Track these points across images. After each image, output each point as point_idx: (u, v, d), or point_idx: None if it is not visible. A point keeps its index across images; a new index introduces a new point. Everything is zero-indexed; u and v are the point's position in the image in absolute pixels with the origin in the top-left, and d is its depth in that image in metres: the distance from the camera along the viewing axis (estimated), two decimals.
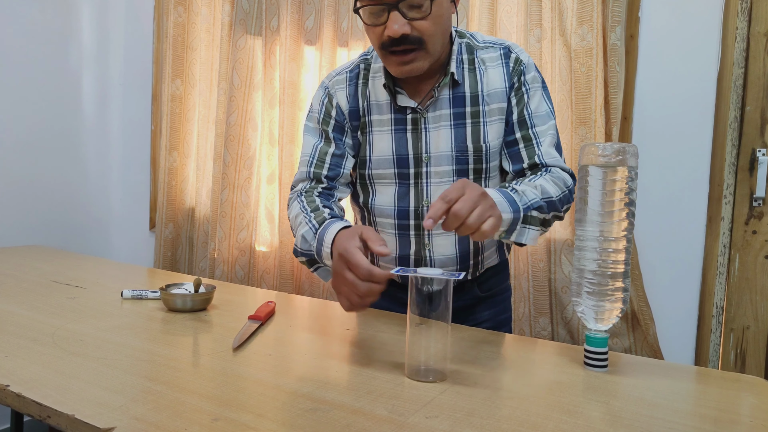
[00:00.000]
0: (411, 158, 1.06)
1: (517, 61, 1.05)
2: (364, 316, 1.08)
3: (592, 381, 0.76)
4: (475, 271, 1.12)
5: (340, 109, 1.11)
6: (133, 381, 0.71)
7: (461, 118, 1.04)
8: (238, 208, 2.12)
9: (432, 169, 1.05)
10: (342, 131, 1.11)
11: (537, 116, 1.04)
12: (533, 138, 1.03)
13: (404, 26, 0.93)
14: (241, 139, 2.10)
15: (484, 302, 1.16)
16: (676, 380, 0.78)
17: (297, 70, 2.01)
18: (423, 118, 1.04)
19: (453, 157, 1.04)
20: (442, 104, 1.04)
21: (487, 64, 1.05)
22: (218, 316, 1.04)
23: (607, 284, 0.77)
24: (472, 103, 1.04)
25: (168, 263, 2.33)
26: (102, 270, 1.48)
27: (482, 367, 0.81)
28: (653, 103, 1.60)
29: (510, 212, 0.88)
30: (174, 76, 2.30)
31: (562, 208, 0.99)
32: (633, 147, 0.77)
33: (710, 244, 1.54)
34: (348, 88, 1.11)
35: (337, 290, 0.85)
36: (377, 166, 1.08)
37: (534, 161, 1.03)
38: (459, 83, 1.04)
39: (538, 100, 1.05)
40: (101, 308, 1.07)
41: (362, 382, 0.73)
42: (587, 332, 0.81)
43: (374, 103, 1.08)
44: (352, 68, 1.12)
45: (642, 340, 1.60)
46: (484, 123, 1.04)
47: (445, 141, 1.04)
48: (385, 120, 1.07)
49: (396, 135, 1.06)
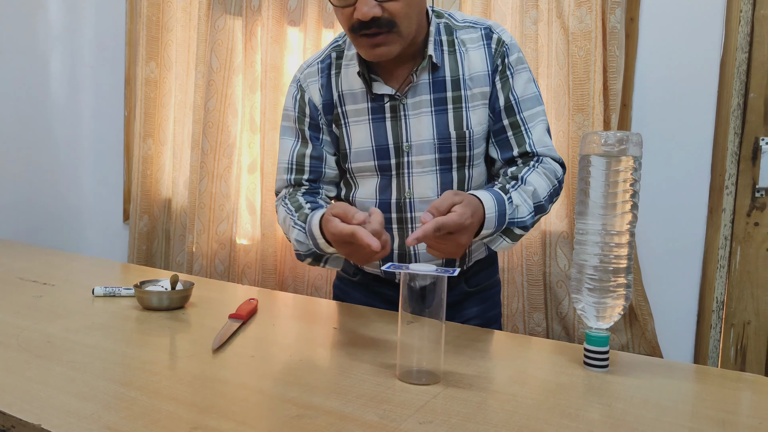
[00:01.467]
0: (391, 148, 1.05)
1: (499, 42, 1.03)
2: (352, 314, 1.06)
3: (593, 382, 0.76)
4: (462, 264, 1.11)
5: (313, 105, 1.10)
6: (105, 386, 0.69)
7: (442, 103, 1.03)
8: (218, 199, 2.09)
9: (413, 159, 1.04)
10: (318, 129, 1.10)
11: (524, 100, 1.03)
12: (522, 124, 1.02)
13: (374, 8, 0.91)
14: (221, 126, 2.07)
15: (471, 298, 1.15)
16: (679, 380, 0.78)
17: (280, 52, 1.98)
18: (402, 105, 1.03)
19: (435, 145, 1.03)
20: (422, 90, 1.03)
21: (467, 46, 1.04)
22: (197, 315, 1.03)
23: (609, 280, 0.76)
24: (453, 88, 1.02)
25: (143, 258, 2.30)
26: (72, 265, 1.45)
27: (477, 367, 0.80)
28: (653, 90, 1.60)
29: (493, 228, 0.92)
30: (148, 58, 2.26)
31: (548, 207, 1.01)
32: (637, 135, 0.76)
33: (711, 236, 1.55)
34: (320, 79, 1.09)
35: (356, 260, 0.88)
36: (357, 158, 1.07)
37: (525, 149, 1.02)
38: (438, 67, 1.02)
39: (525, 83, 1.03)
40: (71, 307, 1.05)
41: (351, 386, 0.72)
42: (587, 331, 0.80)
43: (348, 93, 1.07)
44: (324, 58, 1.11)
45: (640, 336, 1.61)
46: (467, 108, 1.02)
47: (427, 128, 1.03)
48: (361, 109, 1.06)
49: (374, 125, 1.05)
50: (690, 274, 1.59)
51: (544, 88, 1.67)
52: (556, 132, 1.65)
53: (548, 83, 1.67)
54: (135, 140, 2.29)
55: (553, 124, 1.66)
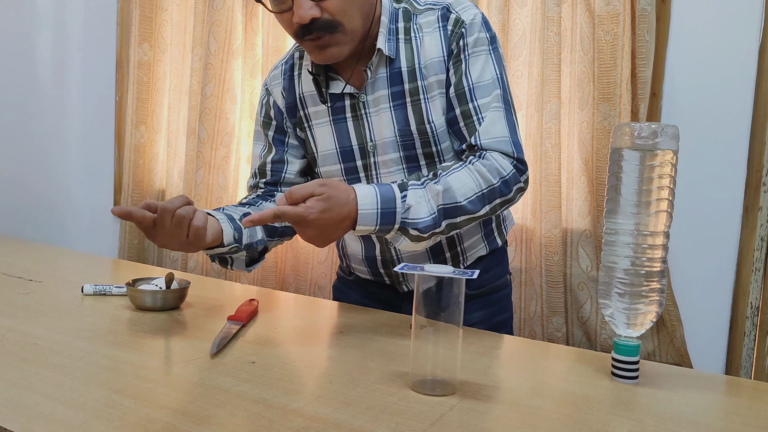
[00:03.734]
0: (356, 149, 1.05)
1: (456, 22, 1.00)
2: (359, 317, 1.06)
3: (622, 395, 0.74)
4: (456, 263, 1.09)
5: (278, 108, 1.12)
6: (95, 393, 0.69)
7: (400, 97, 1.02)
8: (215, 191, 2.09)
9: (379, 159, 1.04)
10: (284, 133, 1.13)
11: (479, 86, 0.99)
12: (473, 113, 0.99)
13: (311, 9, 0.91)
14: (219, 113, 2.07)
15: (474, 301, 1.12)
16: (713, 393, 0.77)
17: (282, 34, 1.97)
18: (362, 103, 1.03)
19: (398, 143, 1.02)
20: (380, 84, 1.02)
21: (423, 31, 1.02)
22: (193, 317, 1.02)
23: (641, 284, 0.75)
24: (409, 79, 1.01)
25: (134, 253, 2.31)
26: (59, 261, 1.45)
27: (495, 377, 0.79)
28: (686, 78, 1.58)
29: (374, 225, 0.89)
30: (141, 39, 2.25)
31: (480, 209, 0.94)
32: (673, 128, 0.75)
33: (746, 237, 1.53)
34: (282, 82, 1.12)
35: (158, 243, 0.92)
36: (324, 162, 1.09)
37: (470, 142, 0.98)
38: (393, 59, 1.01)
39: (482, 67, 0.99)
40: (59, 306, 1.05)
41: (361, 396, 0.71)
42: (616, 339, 0.79)
43: (308, 95, 1.08)
44: (287, 59, 1.13)
45: (668, 343, 1.59)
46: (425, 100, 1.01)
47: (387, 125, 1.02)
48: (321, 111, 1.07)
49: (336, 126, 1.06)
50: (723, 277, 1.57)
51: (567, 75, 1.65)
52: (579, 122, 1.64)
53: (571, 70, 1.65)
54: (126, 127, 2.29)
55: (575, 114, 1.64)
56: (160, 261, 2.31)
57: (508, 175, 0.96)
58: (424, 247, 0.94)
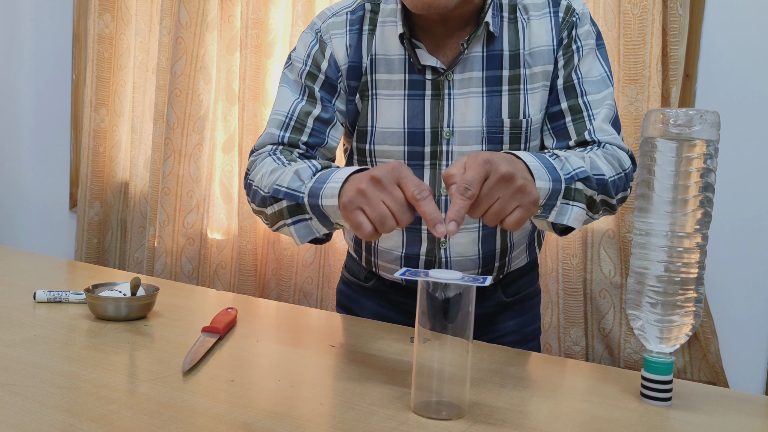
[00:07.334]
0: (428, 133, 1.03)
1: (568, 10, 1.02)
2: (353, 328, 1.05)
3: (653, 419, 0.74)
4: (499, 274, 1.11)
5: (335, 63, 1.07)
6: (50, 416, 0.68)
7: (496, 83, 1.01)
8: (186, 184, 2.09)
9: (455, 148, 1.03)
10: (333, 92, 1.07)
11: (589, 81, 1.02)
12: (584, 109, 1.01)
13: None
14: (190, 94, 2.06)
15: (509, 310, 1.15)
16: (754, 417, 0.77)
17: (264, 4, 1.97)
18: (447, 82, 1.02)
19: (483, 135, 1.02)
20: (473, 64, 1.01)
21: (530, 14, 1.03)
22: (162, 328, 1.02)
23: (676, 293, 0.75)
24: (511, 65, 1.01)
25: (93, 253, 2.31)
26: (8, 263, 1.45)
27: (509, 398, 0.79)
28: (723, 58, 1.58)
29: (548, 181, 0.84)
30: (102, 10, 2.24)
31: (615, 194, 0.95)
32: (714, 114, 0.74)
33: None
34: (348, 35, 1.06)
35: (365, 205, 0.77)
36: (382, 140, 1.05)
37: (583, 138, 1.00)
38: (495, 37, 1.01)
39: (592, 61, 1.02)
40: (7, 315, 1.04)
41: (355, 420, 0.70)
42: (647, 355, 0.79)
43: (382, 59, 1.05)
44: (355, 8, 1.08)
45: (701, 358, 1.60)
46: (525, 91, 1.02)
47: (475, 113, 1.01)
48: (396, 81, 1.04)
49: (410, 102, 1.03)
50: (762, 286, 1.58)
51: None
52: None
53: None
54: (85, 110, 2.29)
55: None
56: (123, 263, 2.30)
57: (629, 170, 0.99)
58: (586, 223, 0.91)
